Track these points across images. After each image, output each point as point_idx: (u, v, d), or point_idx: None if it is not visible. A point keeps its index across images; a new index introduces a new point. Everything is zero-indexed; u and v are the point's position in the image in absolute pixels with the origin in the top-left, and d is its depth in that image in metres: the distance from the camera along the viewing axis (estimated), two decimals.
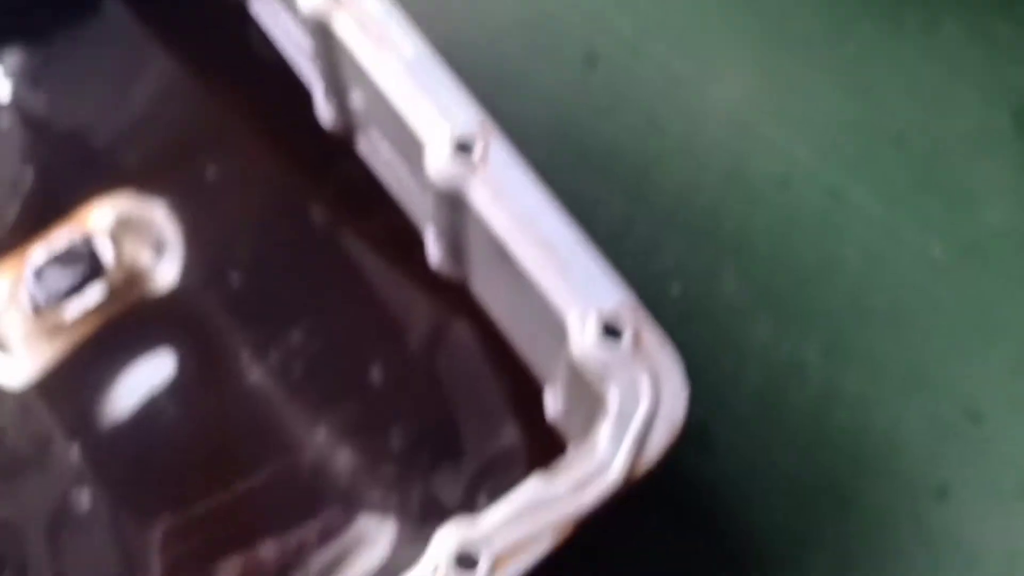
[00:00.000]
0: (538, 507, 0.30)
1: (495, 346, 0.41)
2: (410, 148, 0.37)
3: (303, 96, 0.44)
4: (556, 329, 0.35)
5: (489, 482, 0.38)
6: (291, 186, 0.43)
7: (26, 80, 0.45)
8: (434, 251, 0.42)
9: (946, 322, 0.41)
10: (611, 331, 0.32)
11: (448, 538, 0.30)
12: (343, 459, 0.38)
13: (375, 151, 0.43)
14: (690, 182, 0.43)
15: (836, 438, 0.40)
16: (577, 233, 0.34)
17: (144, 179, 0.43)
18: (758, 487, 0.39)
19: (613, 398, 0.31)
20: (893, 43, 0.46)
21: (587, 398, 0.35)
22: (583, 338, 0.32)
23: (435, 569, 0.30)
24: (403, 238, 0.42)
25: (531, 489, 0.31)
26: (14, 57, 0.45)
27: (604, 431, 0.31)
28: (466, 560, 0.30)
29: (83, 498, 0.38)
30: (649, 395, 0.31)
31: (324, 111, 0.44)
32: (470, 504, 0.38)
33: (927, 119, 0.44)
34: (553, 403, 0.39)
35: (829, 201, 0.43)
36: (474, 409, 0.40)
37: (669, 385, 0.32)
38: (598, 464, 0.31)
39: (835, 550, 0.38)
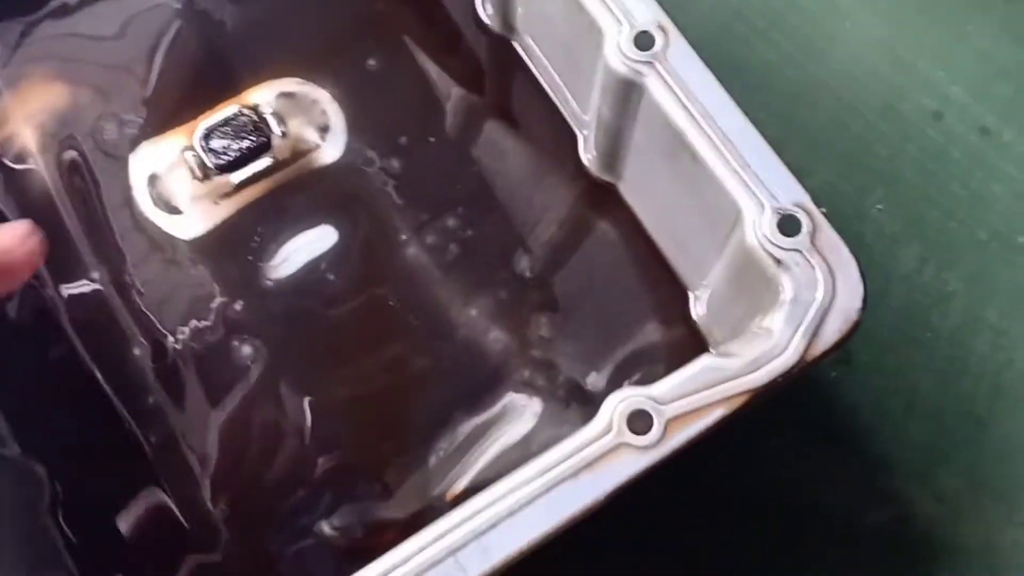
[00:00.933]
0: (712, 379, 0.31)
1: (641, 247, 0.42)
2: (586, 40, 0.38)
3: None
4: (725, 220, 0.36)
5: (631, 373, 0.39)
6: (448, 80, 0.44)
7: None
8: (588, 152, 0.43)
9: None
10: (789, 223, 0.33)
11: (622, 399, 0.31)
12: (492, 339, 0.40)
13: (535, 49, 0.44)
14: (844, 110, 0.44)
15: (976, 366, 0.40)
16: (754, 130, 0.35)
17: (310, 66, 0.44)
18: (896, 406, 0.40)
19: (788, 286, 0.32)
20: None
21: (748, 294, 0.36)
22: (761, 227, 0.33)
23: (608, 427, 0.31)
24: (557, 137, 0.43)
25: (705, 363, 0.32)
26: None
27: (779, 316, 0.32)
28: (639, 420, 0.31)
29: (245, 351, 0.39)
30: (825, 286, 0.32)
31: (485, 9, 0.45)
32: (610, 391, 0.38)
33: None
34: (700, 305, 0.40)
35: (980, 139, 0.44)
36: (618, 306, 0.41)
37: (845, 279, 0.32)
38: (772, 345, 0.31)
39: (968, 471, 0.39)
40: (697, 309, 0.40)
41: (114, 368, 0.40)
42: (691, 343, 0.40)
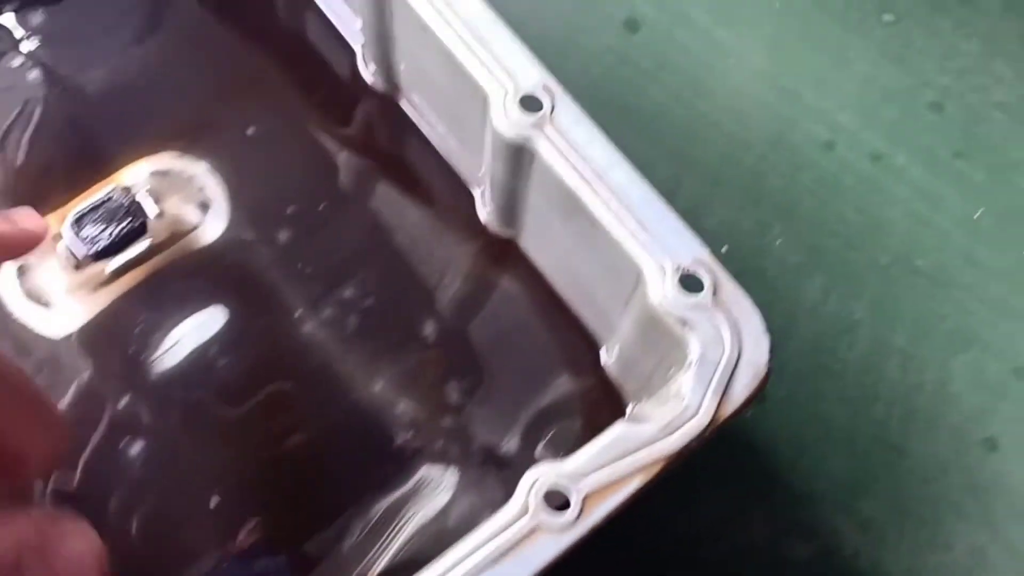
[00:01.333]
0: (626, 449, 0.30)
1: (548, 301, 0.41)
2: (471, 103, 0.37)
3: (343, 53, 0.44)
4: (626, 281, 0.35)
5: (546, 433, 0.38)
6: (334, 143, 0.43)
7: (58, 41, 0.43)
8: (485, 207, 0.42)
9: (990, 283, 0.42)
10: (690, 282, 0.33)
11: (537, 477, 0.30)
12: (401, 411, 0.38)
13: (422, 108, 0.43)
14: (735, 144, 0.44)
15: (887, 392, 0.40)
16: (648, 186, 0.34)
17: (185, 138, 0.42)
18: (813, 438, 0.40)
19: (695, 345, 0.32)
20: (931, 13, 0.47)
21: (656, 350, 0.35)
22: (663, 288, 0.32)
23: (524, 508, 0.30)
24: (453, 195, 0.42)
25: (618, 432, 0.31)
26: (45, 18, 0.44)
27: (688, 377, 0.31)
28: (556, 498, 0.30)
29: (134, 448, 0.37)
30: (731, 342, 0.32)
31: (368, 68, 0.44)
32: (529, 454, 0.38)
33: (964, 89, 0.45)
34: (611, 357, 0.39)
35: (872, 165, 0.44)
36: (529, 362, 0.40)
37: (750, 332, 0.32)
38: (684, 408, 0.31)
39: (888, 498, 0.39)
40: (608, 361, 0.39)
41: None
42: (605, 395, 0.40)
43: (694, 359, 0.32)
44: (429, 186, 0.43)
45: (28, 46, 0.43)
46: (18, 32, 0.43)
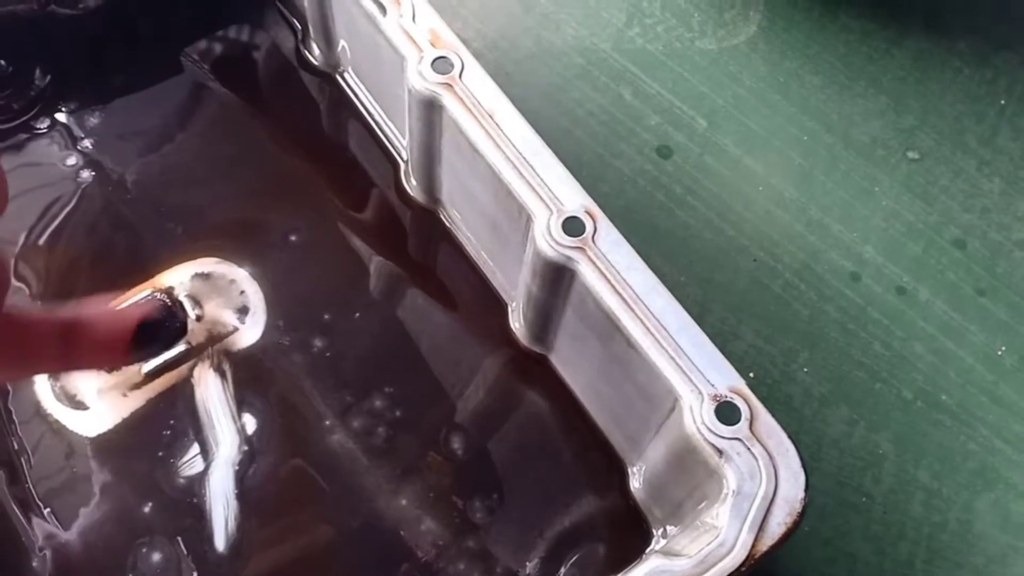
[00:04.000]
0: None
1: (576, 420, 0.41)
2: (514, 222, 0.38)
3: (387, 167, 0.46)
4: (661, 406, 0.35)
5: (570, 556, 0.38)
6: (372, 252, 0.44)
7: (111, 143, 0.45)
8: (517, 322, 0.42)
9: (1014, 421, 0.42)
10: (727, 411, 0.33)
11: None
12: (424, 530, 0.38)
13: (461, 223, 0.44)
14: (763, 271, 0.45)
15: (912, 530, 0.40)
16: (685, 314, 0.35)
17: (227, 244, 0.43)
18: (837, 575, 0.39)
19: (731, 477, 0.32)
20: (954, 153, 0.48)
21: (689, 478, 0.35)
22: (700, 416, 0.33)
23: None
24: (485, 308, 0.43)
25: (653, 565, 0.30)
26: (95, 118, 0.45)
27: (723, 510, 0.31)
28: None
29: (155, 557, 0.37)
30: (767, 476, 0.32)
31: (409, 184, 0.45)
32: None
33: (986, 226, 0.46)
34: (638, 481, 0.39)
35: (897, 299, 0.45)
36: (554, 482, 0.40)
37: (787, 467, 0.32)
38: (720, 542, 0.31)
39: None
40: (635, 484, 0.39)
41: None
42: (630, 520, 0.39)
43: (730, 491, 0.32)
44: (464, 297, 0.44)
45: (83, 146, 0.44)
46: (76, 132, 0.45)
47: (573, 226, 0.36)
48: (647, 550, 0.37)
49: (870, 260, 0.46)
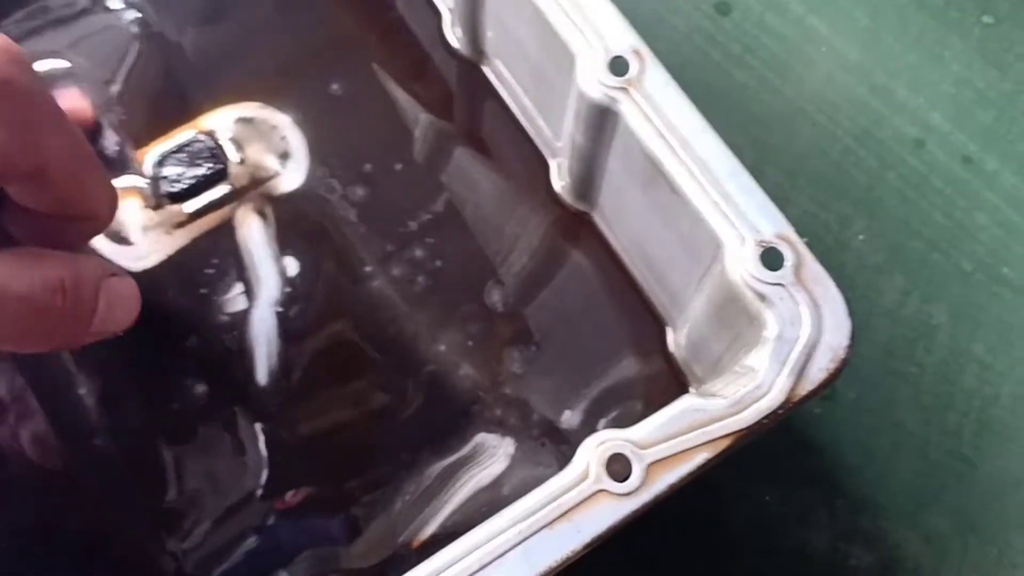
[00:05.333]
0: (694, 422, 0.30)
1: (617, 279, 0.40)
2: (558, 66, 0.37)
3: (430, 16, 0.44)
4: (704, 254, 0.34)
5: (607, 412, 0.38)
6: (415, 105, 0.43)
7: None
8: (561, 179, 0.41)
9: None
10: (772, 256, 0.32)
11: (599, 443, 0.29)
12: (462, 375, 0.38)
13: (505, 74, 0.43)
14: (822, 136, 0.43)
15: (962, 402, 0.39)
16: (734, 158, 0.33)
17: (270, 91, 0.42)
18: (882, 444, 0.38)
19: (772, 323, 0.31)
20: None
21: (730, 328, 0.34)
22: (743, 262, 0.32)
23: (585, 473, 0.29)
24: (529, 165, 0.42)
25: (686, 403, 0.30)
26: None
27: (763, 354, 0.30)
28: (619, 465, 0.29)
29: (198, 388, 0.37)
30: (811, 322, 0.31)
31: (454, 33, 0.44)
32: (589, 430, 0.37)
33: None
34: (679, 339, 0.38)
35: (963, 168, 0.43)
36: (593, 339, 0.39)
37: (831, 314, 0.31)
38: (757, 385, 0.30)
39: (956, 512, 0.38)
40: (675, 343, 0.39)
41: (58, 410, 0.37)
42: (669, 379, 0.39)
43: (771, 336, 0.31)
44: (506, 155, 0.43)
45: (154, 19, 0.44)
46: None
47: (619, 66, 0.35)
48: None
49: (936, 127, 0.44)
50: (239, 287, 0.39)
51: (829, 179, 0.42)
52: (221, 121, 0.41)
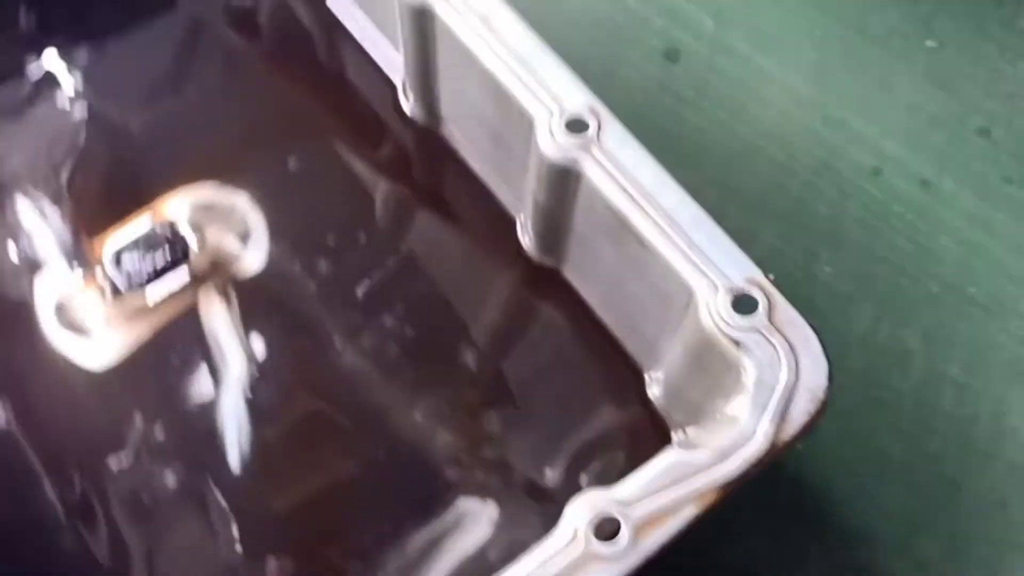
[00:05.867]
0: (680, 475, 0.29)
1: (590, 330, 0.40)
2: (516, 128, 0.37)
3: (383, 86, 0.44)
4: (676, 303, 0.34)
5: (590, 464, 0.37)
6: (374, 174, 0.43)
7: (101, 77, 0.44)
8: (527, 235, 0.41)
9: None
10: (744, 302, 0.32)
11: (586, 505, 0.29)
12: (440, 442, 0.37)
13: (463, 137, 0.43)
14: (780, 171, 0.43)
15: (943, 424, 0.39)
16: (698, 208, 0.34)
17: (225, 171, 0.42)
18: (868, 474, 0.38)
19: (750, 368, 0.31)
20: (974, 38, 0.46)
21: (707, 375, 0.34)
22: (716, 309, 0.32)
23: (572, 535, 0.28)
24: (493, 222, 0.42)
25: (670, 458, 0.30)
26: (85, 54, 0.44)
27: (743, 401, 0.30)
28: (606, 527, 0.28)
29: (168, 478, 0.36)
30: (788, 365, 0.31)
31: (408, 101, 0.44)
32: (572, 486, 0.37)
33: (1010, 113, 0.45)
34: (657, 386, 0.38)
35: (922, 192, 0.43)
36: (571, 392, 0.39)
37: (808, 355, 0.31)
38: (740, 433, 0.30)
39: (947, 536, 0.38)
40: (654, 390, 0.38)
41: (24, 508, 0.36)
42: (650, 426, 0.39)
43: (750, 382, 0.31)
44: (470, 214, 0.43)
45: (74, 84, 0.43)
46: (64, 70, 0.44)
47: (577, 126, 0.35)
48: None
49: (892, 154, 0.44)
50: (206, 373, 0.38)
51: (791, 214, 0.43)
52: (177, 205, 0.40)
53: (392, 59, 0.44)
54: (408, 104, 0.44)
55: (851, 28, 0.47)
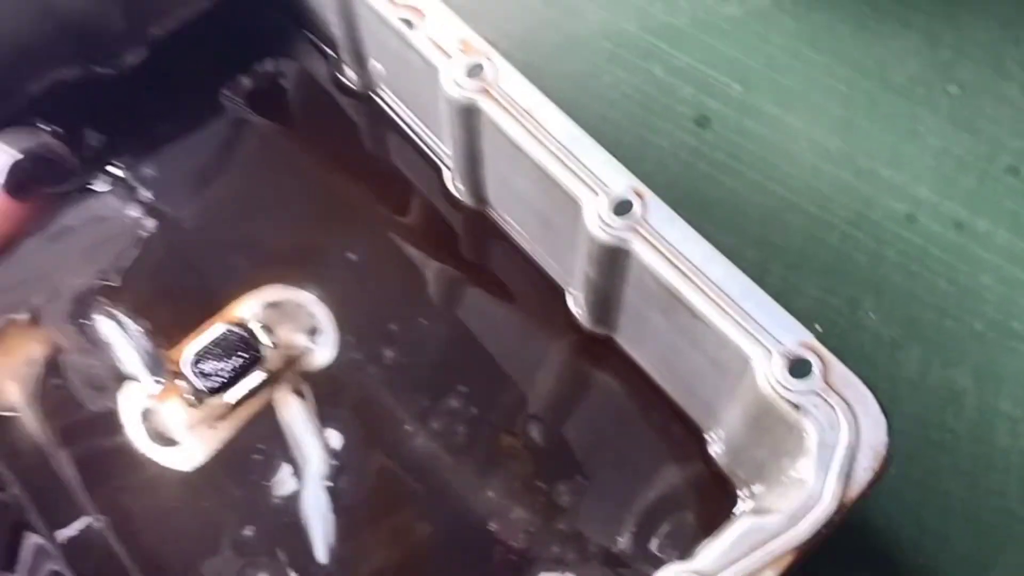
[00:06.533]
0: (756, 541, 0.31)
1: (647, 394, 0.41)
2: (563, 211, 0.39)
3: (431, 173, 0.46)
4: (732, 370, 0.36)
5: (660, 527, 0.39)
6: (428, 258, 0.45)
7: (164, 188, 0.46)
8: (578, 307, 0.43)
9: None
10: (799, 366, 0.33)
11: None
12: (515, 518, 0.39)
13: (511, 218, 0.45)
14: (817, 225, 0.45)
15: (1001, 459, 0.40)
16: (746, 277, 0.35)
17: (290, 270, 0.44)
18: (933, 515, 0.39)
19: (811, 430, 0.32)
20: (996, 81, 0.48)
21: (769, 437, 0.35)
22: (773, 375, 0.33)
23: None
24: (545, 297, 0.43)
25: (745, 524, 0.31)
26: (149, 168, 0.47)
27: (808, 463, 0.32)
28: None
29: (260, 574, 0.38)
30: (848, 424, 0.32)
31: (456, 186, 0.46)
32: (645, 551, 0.38)
33: None
34: (718, 445, 0.39)
35: (957, 234, 0.44)
36: (634, 456, 0.40)
37: (866, 413, 0.32)
38: (808, 495, 0.31)
39: (1016, 569, 0.38)
40: (715, 449, 0.40)
41: None
42: (714, 484, 0.40)
43: (812, 444, 0.32)
44: (522, 289, 0.45)
45: (142, 196, 0.46)
46: (132, 184, 0.46)
47: (623, 208, 0.37)
48: (735, 510, 0.38)
49: (924, 199, 0.46)
50: (287, 468, 0.40)
51: (832, 265, 0.44)
52: (248, 309, 0.43)
53: (437, 147, 0.47)
54: (456, 190, 0.46)
55: (874, 80, 0.48)
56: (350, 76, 0.49)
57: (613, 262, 0.37)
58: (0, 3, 0.42)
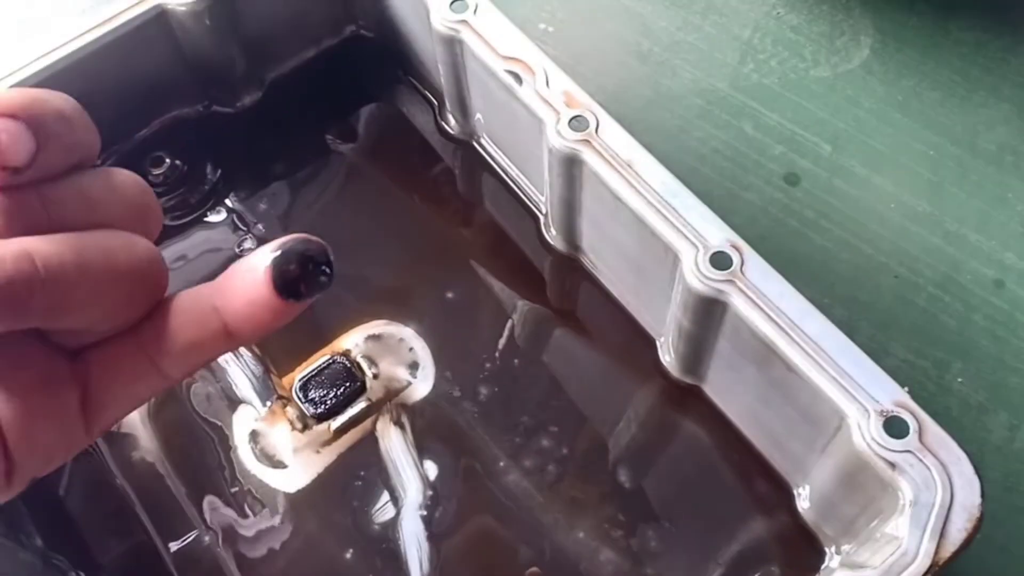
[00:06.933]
0: None
1: (732, 445, 0.42)
2: (660, 262, 0.40)
3: (527, 220, 0.48)
4: (826, 426, 0.37)
5: None
6: (523, 302, 0.47)
7: (276, 227, 0.49)
8: (667, 355, 0.44)
9: None
10: (895, 425, 0.34)
11: None
12: (604, 560, 0.40)
13: (604, 266, 0.46)
14: (905, 287, 0.46)
15: None
16: (842, 334, 0.36)
17: (392, 307, 0.46)
18: None
19: (907, 489, 0.33)
20: None
21: (861, 494, 0.36)
22: (869, 432, 0.34)
23: None
24: (635, 344, 0.45)
25: None
26: (263, 205, 0.49)
27: (902, 521, 0.32)
28: None
29: None
30: (943, 484, 0.33)
31: (549, 233, 0.48)
32: None
33: None
34: (806, 501, 0.40)
35: None
36: (720, 506, 0.41)
37: (960, 474, 0.33)
38: (902, 553, 0.32)
39: None
40: (803, 504, 0.40)
41: None
42: (801, 539, 0.40)
43: (907, 502, 0.33)
44: (613, 336, 0.46)
45: (256, 230, 0.48)
46: (247, 217, 0.49)
47: (721, 260, 0.38)
48: (823, 566, 0.38)
49: (1012, 266, 0.46)
50: (386, 496, 0.42)
51: (920, 327, 0.45)
52: (352, 341, 0.45)
53: (533, 194, 0.49)
54: (550, 236, 0.48)
55: (963, 147, 0.50)
56: (452, 123, 0.51)
57: (709, 313, 0.39)
58: (141, 48, 0.45)
